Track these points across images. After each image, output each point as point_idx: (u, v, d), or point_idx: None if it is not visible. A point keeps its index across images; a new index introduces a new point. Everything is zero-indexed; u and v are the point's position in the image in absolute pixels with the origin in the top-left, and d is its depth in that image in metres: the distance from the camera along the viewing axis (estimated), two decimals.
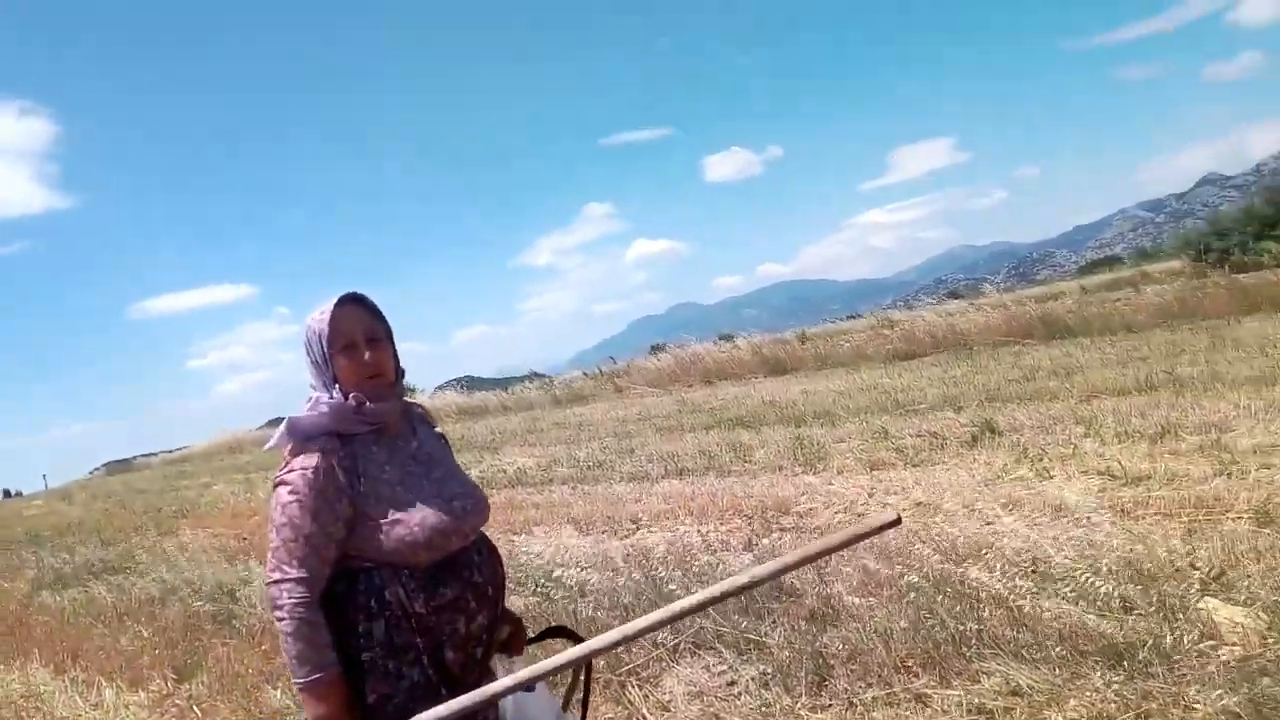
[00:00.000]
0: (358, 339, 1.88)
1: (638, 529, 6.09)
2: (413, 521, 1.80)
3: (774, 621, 3.72)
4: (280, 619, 1.74)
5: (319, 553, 1.76)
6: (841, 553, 4.39)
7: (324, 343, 1.86)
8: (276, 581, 1.75)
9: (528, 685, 2.26)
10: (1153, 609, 3.11)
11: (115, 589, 7.28)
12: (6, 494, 48.97)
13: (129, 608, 6.46)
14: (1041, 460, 5.78)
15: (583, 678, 2.18)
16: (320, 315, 1.88)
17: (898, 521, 1.72)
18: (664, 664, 3.61)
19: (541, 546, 5.95)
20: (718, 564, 4.69)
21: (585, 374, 23.98)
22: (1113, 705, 2.61)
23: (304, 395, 1.92)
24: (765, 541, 5.15)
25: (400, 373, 1.96)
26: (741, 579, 1.80)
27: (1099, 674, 2.77)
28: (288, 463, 1.81)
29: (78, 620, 6.44)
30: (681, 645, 3.70)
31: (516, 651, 2.08)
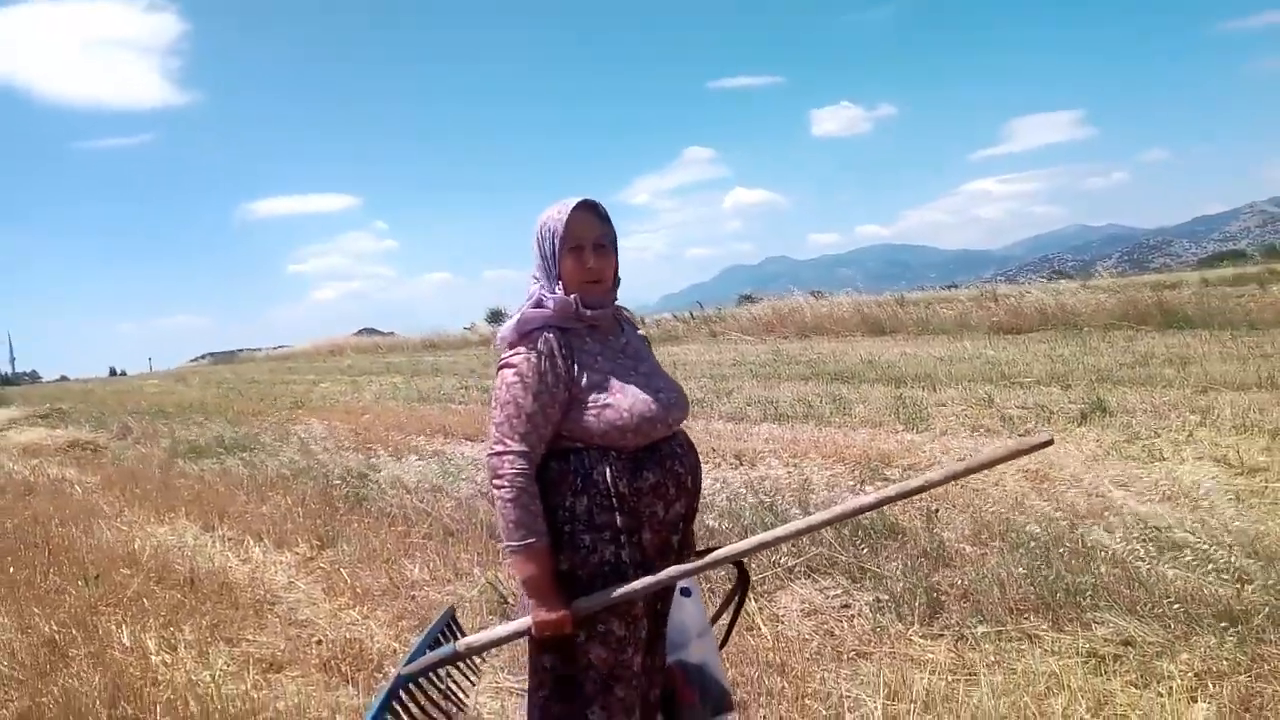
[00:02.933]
0: (585, 243, 2.03)
1: (741, 464, 6.32)
2: (622, 406, 1.97)
3: (888, 556, 3.93)
4: (500, 487, 1.92)
5: (538, 430, 1.94)
6: (952, 493, 4.56)
7: (556, 241, 2.01)
8: (499, 453, 1.93)
9: (684, 590, 2.52)
10: (1271, 582, 3.22)
11: (248, 464, 7.87)
12: (113, 372, 52.99)
13: (267, 480, 7.00)
14: (1154, 443, 5.79)
15: (735, 600, 2.35)
16: (557, 214, 2.02)
17: (1050, 442, 1.89)
18: (780, 582, 3.86)
19: None
20: (834, 500, 4.90)
21: (676, 316, 24.18)
22: (1224, 663, 2.75)
23: (515, 298, 2.10)
24: (870, 487, 5.33)
25: (617, 281, 2.14)
26: (914, 482, 1.99)
27: (1212, 635, 2.91)
28: (513, 348, 1.99)
29: (218, 487, 7.01)
30: (797, 568, 3.94)
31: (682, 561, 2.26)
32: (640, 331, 2.29)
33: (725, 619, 2.44)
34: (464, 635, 2.27)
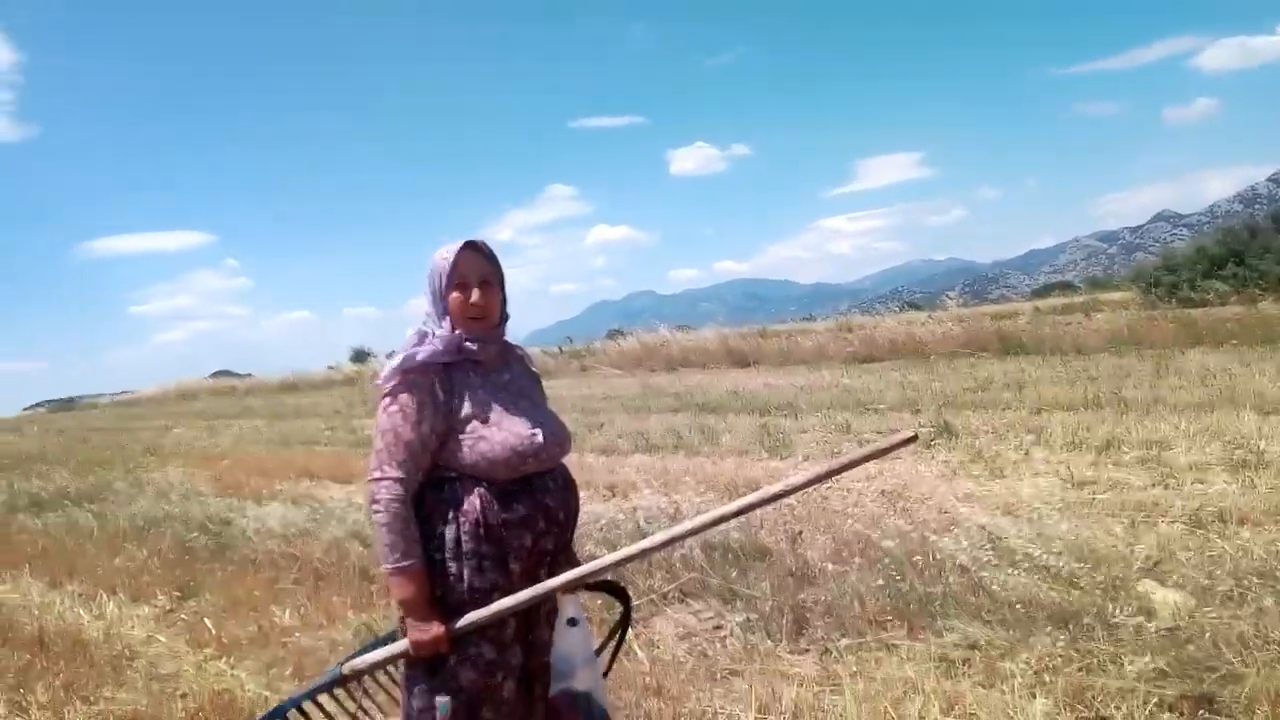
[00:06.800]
0: (470, 280, 2.12)
1: (614, 495, 6.44)
2: (495, 439, 2.05)
3: (756, 577, 4.10)
4: (377, 511, 1.99)
5: (415, 458, 2.02)
6: (814, 513, 4.79)
7: (443, 279, 2.11)
8: (377, 479, 2.00)
9: (571, 620, 2.59)
10: (1097, 586, 3.55)
11: (98, 516, 7.45)
12: None
13: (120, 531, 6.65)
14: (995, 462, 6.23)
15: (619, 635, 2.50)
16: (445, 254, 2.12)
17: (915, 438, 2.03)
18: (655, 608, 3.97)
19: None
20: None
21: (545, 351, 24.26)
22: (1059, 660, 3.01)
23: (398, 332, 2.19)
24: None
25: (505, 316, 2.23)
26: (775, 488, 2.10)
27: (1048, 634, 3.18)
28: (395, 378, 2.06)
29: (65, 541, 6.61)
30: (670, 594, 4.06)
31: (568, 592, 2.28)
32: (534, 369, 2.38)
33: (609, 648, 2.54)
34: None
